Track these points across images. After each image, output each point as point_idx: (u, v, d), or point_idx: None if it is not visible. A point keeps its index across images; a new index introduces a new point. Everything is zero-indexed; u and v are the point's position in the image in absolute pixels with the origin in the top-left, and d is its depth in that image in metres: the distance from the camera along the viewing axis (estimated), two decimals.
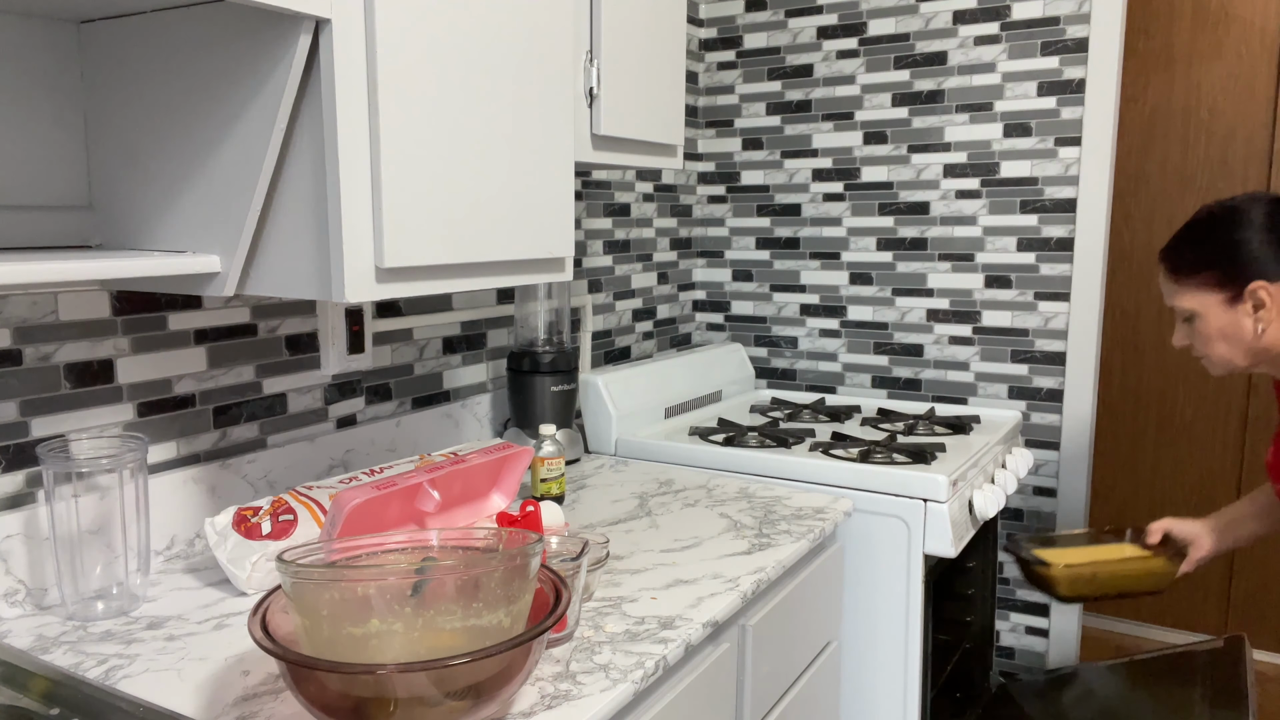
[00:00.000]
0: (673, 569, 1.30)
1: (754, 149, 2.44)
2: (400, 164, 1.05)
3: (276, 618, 0.88)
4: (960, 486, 1.68)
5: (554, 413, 1.76)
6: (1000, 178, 2.15)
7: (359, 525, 1.12)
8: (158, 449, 1.29)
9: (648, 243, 2.33)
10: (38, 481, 1.17)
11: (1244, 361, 1.45)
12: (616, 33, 1.50)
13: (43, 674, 0.95)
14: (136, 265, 0.98)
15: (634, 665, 1.02)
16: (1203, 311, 1.45)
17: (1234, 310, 1.41)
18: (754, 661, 1.31)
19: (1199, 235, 1.44)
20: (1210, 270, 1.43)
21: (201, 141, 1.05)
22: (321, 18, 0.96)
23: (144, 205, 1.12)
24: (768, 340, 2.49)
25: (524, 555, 0.87)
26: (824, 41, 2.31)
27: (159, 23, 1.07)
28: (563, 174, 1.30)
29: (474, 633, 0.85)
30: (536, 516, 1.17)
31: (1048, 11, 2.06)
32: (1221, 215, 1.43)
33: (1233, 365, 1.46)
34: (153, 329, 1.27)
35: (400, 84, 1.03)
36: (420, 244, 1.08)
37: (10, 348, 1.13)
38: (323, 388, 1.51)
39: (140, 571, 1.16)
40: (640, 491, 1.66)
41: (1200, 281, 1.44)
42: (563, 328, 1.81)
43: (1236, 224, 1.41)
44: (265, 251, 1.07)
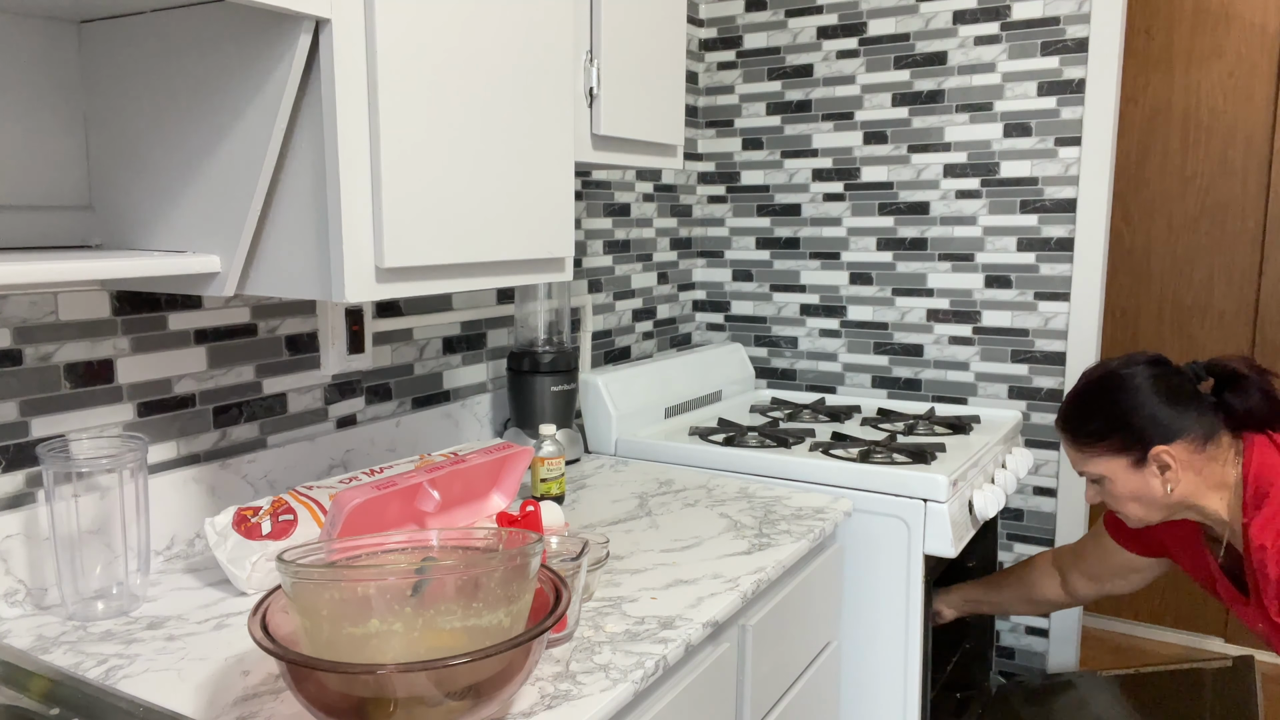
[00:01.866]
0: (673, 569, 1.30)
1: (754, 149, 2.44)
2: (400, 164, 1.04)
3: (276, 618, 0.88)
4: (960, 486, 1.68)
5: (554, 413, 1.76)
6: (1000, 178, 2.15)
7: (359, 525, 1.12)
8: (158, 449, 1.29)
9: (648, 243, 2.33)
10: (38, 481, 1.17)
11: (1159, 516, 1.45)
12: (616, 33, 1.50)
13: (43, 674, 0.95)
14: (136, 265, 0.98)
15: (634, 665, 1.02)
16: (1111, 476, 1.45)
17: (1141, 473, 1.42)
18: (754, 661, 1.31)
19: (1091, 406, 1.45)
20: (1109, 438, 1.43)
21: (201, 141, 1.05)
22: (321, 18, 0.96)
23: (144, 205, 1.12)
24: (768, 340, 2.49)
25: (524, 555, 0.87)
26: (824, 41, 2.31)
27: (159, 23, 1.07)
28: (563, 174, 1.30)
29: (474, 633, 0.85)
30: (536, 516, 1.17)
31: (1048, 11, 2.06)
32: (1108, 384, 1.44)
33: (1149, 521, 1.46)
34: (153, 329, 1.27)
35: (400, 84, 1.03)
36: (420, 244, 1.08)
37: (10, 348, 1.13)
38: (323, 388, 1.51)
39: (140, 571, 1.16)
40: (640, 491, 1.66)
41: (1103, 449, 1.44)
42: (563, 328, 1.81)
43: (1123, 391, 1.42)
44: (265, 251, 1.07)
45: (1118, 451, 1.42)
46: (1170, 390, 1.40)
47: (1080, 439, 1.46)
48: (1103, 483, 1.45)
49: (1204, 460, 1.40)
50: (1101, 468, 1.44)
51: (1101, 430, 1.43)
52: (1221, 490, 1.40)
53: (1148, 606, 3.24)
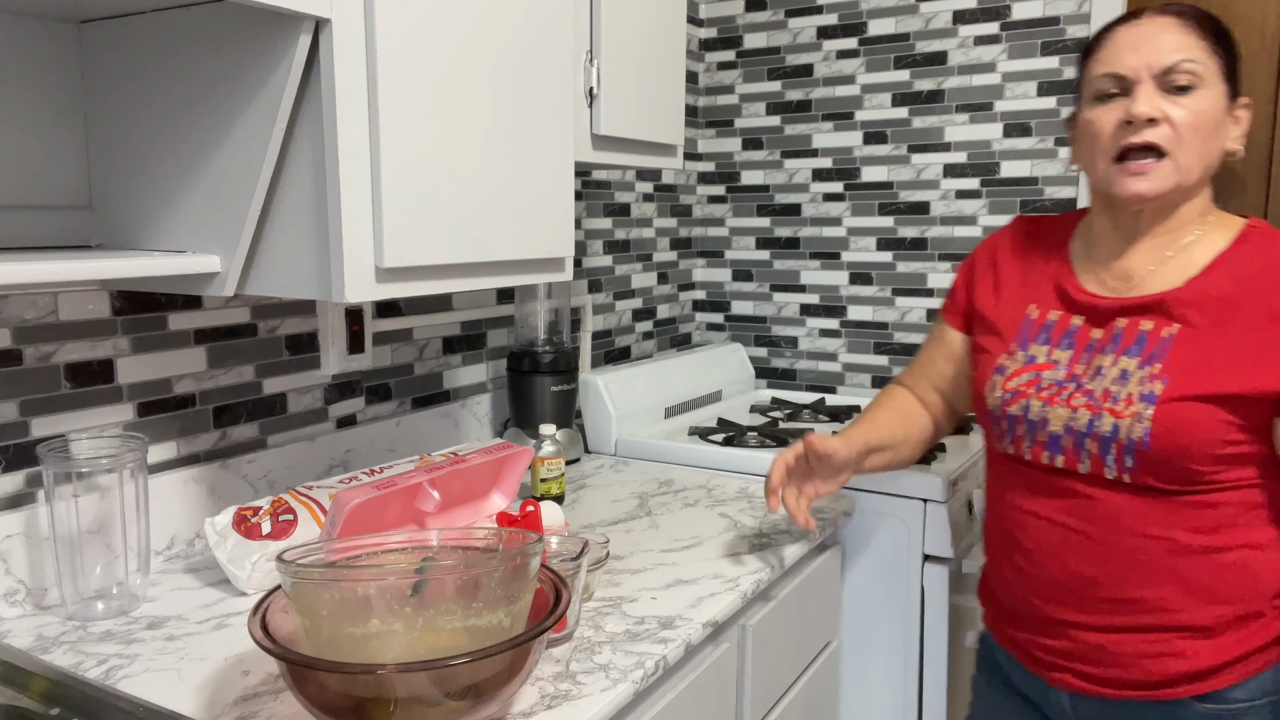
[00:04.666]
0: (673, 569, 1.30)
1: (754, 149, 2.44)
2: (400, 164, 1.04)
3: (276, 618, 0.88)
4: (960, 486, 1.68)
5: (554, 413, 1.76)
6: (1000, 178, 2.15)
7: (359, 525, 1.12)
8: (158, 449, 1.29)
9: (648, 243, 2.33)
10: (38, 481, 1.17)
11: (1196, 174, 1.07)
12: (616, 33, 1.50)
13: (43, 674, 0.95)
14: (136, 265, 0.98)
15: (634, 665, 1.02)
16: (1210, 89, 1.06)
17: (1226, 112, 1.08)
18: (754, 661, 1.31)
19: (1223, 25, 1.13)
20: (1228, 54, 1.09)
21: (201, 141, 1.05)
22: (321, 18, 0.96)
23: (144, 205, 1.12)
24: (768, 340, 2.49)
25: (524, 555, 0.87)
26: (824, 41, 2.31)
27: (159, 23, 1.07)
28: (563, 174, 1.30)
29: (474, 633, 0.85)
30: (536, 516, 1.17)
31: (1048, 11, 2.06)
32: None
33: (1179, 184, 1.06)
34: (153, 329, 1.27)
35: (400, 84, 1.03)
36: (420, 244, 1.08)
37: (10, 348, 1.13)
38: (323, 388, 1.51)
39: (140, 571, 1.16)
40: (640, 491, 1.66)
41: (1218, 57, 1.07)
42: (563, 328, 1.81)
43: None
44: (265, 251, 1.07)
45: (1226, 73, 1.07)
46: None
47: (1205, 30, 1.07)
48: (1192, 91, 1.04)
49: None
50: (1210, 71, 1.05)
51: (1227, 42, 1.09)
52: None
53: None
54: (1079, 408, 1.09)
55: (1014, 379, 1.16)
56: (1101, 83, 1.09)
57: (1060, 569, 1.11)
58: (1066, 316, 1.16)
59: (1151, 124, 1.04)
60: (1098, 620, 1.09)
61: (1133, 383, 1.06)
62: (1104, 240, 1.16)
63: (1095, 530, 1.09)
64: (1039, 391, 1.13)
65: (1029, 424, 1.13)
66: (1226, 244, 1.09)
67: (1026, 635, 1.17)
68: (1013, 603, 1.18)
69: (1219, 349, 1.04)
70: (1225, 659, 1.06)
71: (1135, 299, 1.10)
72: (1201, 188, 1.11)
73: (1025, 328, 1.19)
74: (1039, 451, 1.13)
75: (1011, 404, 1.15)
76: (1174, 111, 1.04)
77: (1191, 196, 1.10)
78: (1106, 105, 1.08)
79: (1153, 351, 1.07)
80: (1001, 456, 1.20)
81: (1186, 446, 1.02)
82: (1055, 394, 1.12)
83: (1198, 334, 1.05)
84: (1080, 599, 1.10)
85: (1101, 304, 1.13)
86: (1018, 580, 1.16)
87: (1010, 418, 1.15)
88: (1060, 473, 1.12)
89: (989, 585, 1.25)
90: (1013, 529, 1.17)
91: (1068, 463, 1.10)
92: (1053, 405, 1.11)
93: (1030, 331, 1.18)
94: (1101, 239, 1.16)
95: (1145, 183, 1.05)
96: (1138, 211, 1.11)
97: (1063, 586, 1.11)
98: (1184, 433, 1.02)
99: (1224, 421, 1.02)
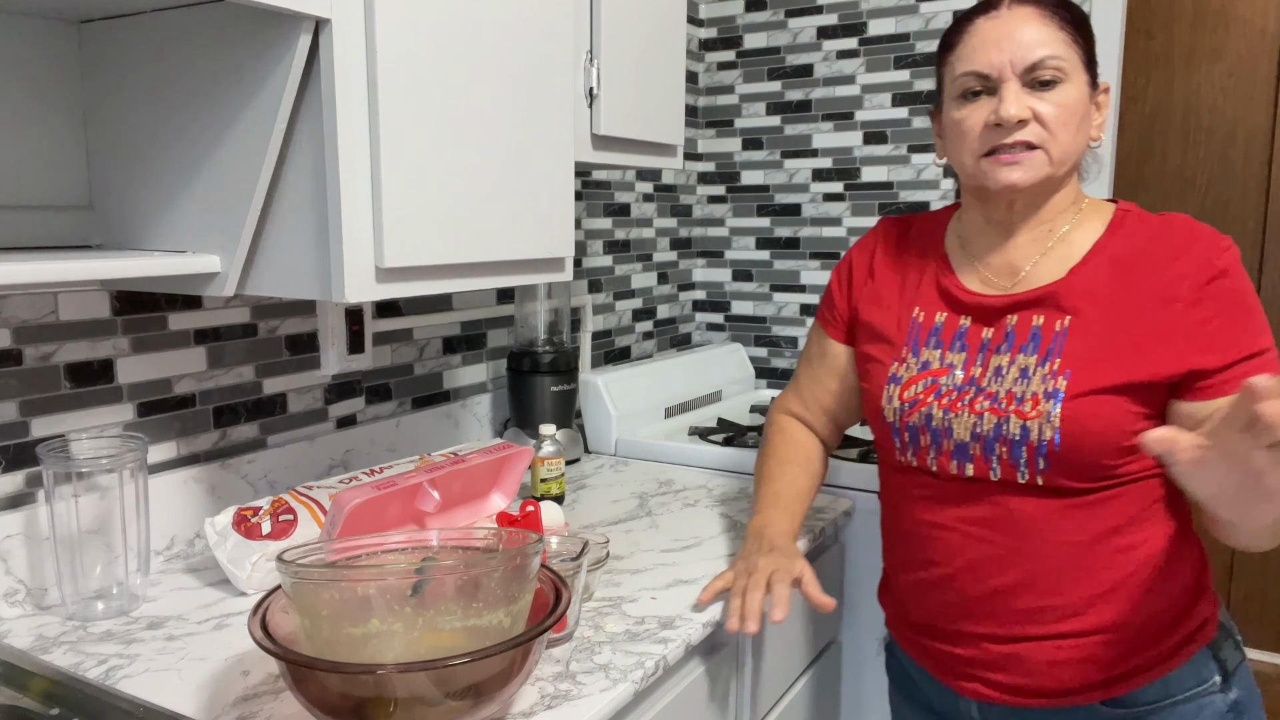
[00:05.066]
0: (673, 569, 1.30)
1: (754, 149, 2.44)
2: (400, 164, 1.04)
3: (276, 618, 0.88)
4: None
5: (554, 413, 1.76)
6: None
7: (359, 525, 1.12)
8: (158, 449, 1.29)
9: (648, 243, 2.33)
10: (38, 481, 1.17)
11: (1067, 164, 1.05)
12: (616, 33, 1.50)
13: (43, 674, 0.95)
14: (136, 265, 0.98)
15: (634, 665, 1.02)
16: (1075, 81, 1.03)
17: (1089, 100, 1.06)
18: (754, 661, 1.31)
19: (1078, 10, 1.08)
20: (1087, 42, 1.06)
21: (201, 141, 1.05)
22: (321, 18, 0.96)
23: (144, 205, 1.12)
24: (768, 340, 2.49)
25: (524, 555, 0.87)
26: (824, 41, 2.31)
27: (159, 23, 1.07)
28: (563, 174, 1.30)
29: (474, 633, 0.85)
30: (536, 516, 1.17)
31: None
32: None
33: (1049, 175, 1.04)
34: (153, 329, 1.27)
35: (400, 84, 1.03)
36: (420, 244, 1.08)
37: (10, 348, 1.13)
38: (323, 388, 1.51)
39: (140, 571, 1.16)
40: (640, 491, 1.66)
41: (1079, 46, 1.05)
42: (563, 328, 1.81)
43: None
44: (265, 251, 1.07)
45: (1086, 62, 1.05)
46: None
47: (1064, 19, 1.04)
48: (1057, 86, 1.02)
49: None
50: (1073, 63, 1.03)
51: (1085, 29, 1.06)
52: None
53: None
54: (983, 412, 1.06)
55: (910, 387, 1.12)
56: (965, 81, 1.05)
57: (975, 582, 1.08)
58: (954, 317, 1.12)
59: (1021, 124, 1.02)
60: (1013, 630, 1.06)
61: (1035, 381, 1.03)
62: (980, 236, 1.13)
63: (1010, 540, 1.06)
64: (939, 399, 1.09)
65: (932, 433, 1.09)
66: (1102, 229, 1.08)
67: (938, 645, 1.13)
68: (924, 615, 1.14)
69: (1113, 337, 1.02)
70: (1139, 662, 1.04)
71: (1023, 294, 1.07)
72: (1071, 178, 1.10)
73: (914, 331, 1.15)
74: (945, 461, 1.09)
75: (911, 414, 1.11)
76: (1042, 108, 1.02)
77: (1062, 186, 1.09)
78: (973, 104, 1.05)
79: (1049, 347, 1.04)
80: (902, 469, 1.15)
81: (1096, 441, 1.00)
82: (957, 400, 1.08)
83: (1089, 324, 1.03)
84: (995, 611, 1.07)
85: (989, 302, 1.09)
86: (929, 593, 1.13)
87: (911, 429, 1.11)
88: (970, 482, 1.08)
89: (895, 593, 1.21)
90: (921, 543, 1.13)
91: (978, 471, 1.07)
92: (955, 412, 1.07)
93: (919, 335, 1.14)
94: (977, 235, 1.14)
95: (1019, 172, 1.03)
96: (1010, 203, 1.08)
97: (977, 599, 1.08)
98: (1093, 427, 1.00)
99: (1128, 411, 1.01)
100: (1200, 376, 1.00)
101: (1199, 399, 1.00)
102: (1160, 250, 1.03)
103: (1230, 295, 1.00)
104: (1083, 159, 1.10)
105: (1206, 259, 1.01)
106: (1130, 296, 1.03)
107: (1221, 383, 0.99)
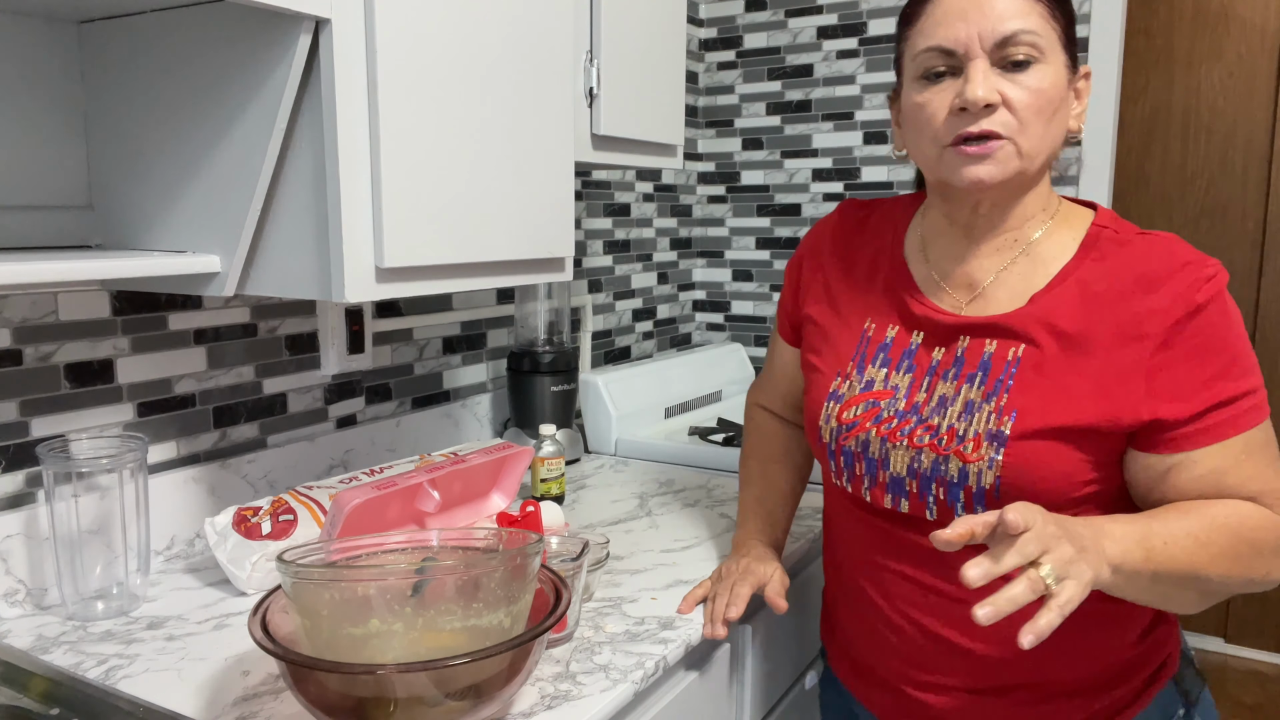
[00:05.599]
0: (673, 569, 1.30)
1: (754, 149, 2.44)
2: (400, 164, 1.04)
3: (276, 618, 0.88)
4: None
5: (554, 413, 1.76)
6: None
7: (359, 525, 1.12)
8: (158, 449, 1.29)
9: (648, 243, 2.33)
10: (38, 481, 1.17)
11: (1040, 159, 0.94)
12: (616, 33, 1.50)
13: (43, 674, 0.95)
14: (136, 265, 0.98)
15: (634, 665, 1.02)
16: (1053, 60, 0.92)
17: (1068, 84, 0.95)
18: (754, 661, 1.31)
19: None
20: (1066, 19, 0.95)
21: (201, 141, 1.05)
22: (321, 18, 0.96)
23: (144, 205, 1.12)
24: (768, 340, 2.49)
25: (524, 555, 0.87)
26: (824, 41, 2.31)
27: (159, 23, 1.07)
28: (563, 174, 1.30)
29: (474, 633, 0.85)
30: (536, 516, 1.17)
31: None
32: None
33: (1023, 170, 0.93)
34: (153, 329, 1.27)
35: (400, 84, 1.03)
36: (420, 244, 1.08)
37: (10, 348, 1.13)
38: (323, 388, 1.51)
39: (140, 571, 1.16)
40: (640, 491, 1.66)
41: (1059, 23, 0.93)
42: (563, 328, 1.81)
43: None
44: (265, 251, 1.07)
45: (1066, 41, 0.94)
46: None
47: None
48: (1031, 67, 0.91)
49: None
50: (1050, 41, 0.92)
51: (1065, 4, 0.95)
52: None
53: None
54: (922, 447, 0.96)
55: (850, 408, 1.02)
56: (927, 58, 0.92)
57: (917, 630, 0.99)
58: (905, 334, 1.02)
59: (989, 109, 0.90)
60: (967, 683, 0.98)
61: (979, 419, 0.93)
62: (941, 239, 1.02)
63: (952, 589, 0.96)
64: (878, 425, 1.00)
65: (868, 462, 1.00)
66: (1074, 246, 0.97)
67: (887, 698, 1.05)
68: (870, 660, 1.06)
69: (1069, 375, 0.91)
70: (1099, 707, 0.98)
71: (979, 320, 0.97)
72: (1044, 176, 0.98)
73: (862, 345, 1.05)
74: (880, 495, 1.00)
75: (848, 438, 1.01)
76: (1013, 93, 0.90)
77: (1035, 185, 0.97)
78: (936, 86, 0.93)
79: (998, 379, 0.94)
80: (841, 492, 1.08)
81: (1040, 489, 0.90)
82: (896, 429, 0.98)
83: (1045, 358, 0.93)
84: (943, 662, 0.99)
85: (943, 320, 0.99)
86: (873, 637, 1.05)
87: (847, 454, 1.02)
88: (906, 519, 0.99)
89: (839, 632, 1.12)
90: (860, 578, 1.05)
91: (913, 509, 0.98)
92: (894, 443, 0.98)
93: (868, 351, 1.04)
94: (939, 236, 1.03)
95: (986, 167, 0.91)
96: (976, 205, 0.97)
97: (921, 649, 1.00)
98: (1036, 475, 0.90)
99: (1077, 459, 0.91)
100: (1164, 428, 0.89)
101: (1162, 451, 0.90)
102: (1134, 279, 0.91)
103: (1205, 334, 0.89)
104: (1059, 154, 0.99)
105: (1185, 292, 0.89)
106: (1095, 330, 0.91)
107: (1189, 434, 0.89)
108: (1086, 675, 0.97)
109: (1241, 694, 2.87)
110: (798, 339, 1.17)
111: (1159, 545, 0.84)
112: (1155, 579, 0.84)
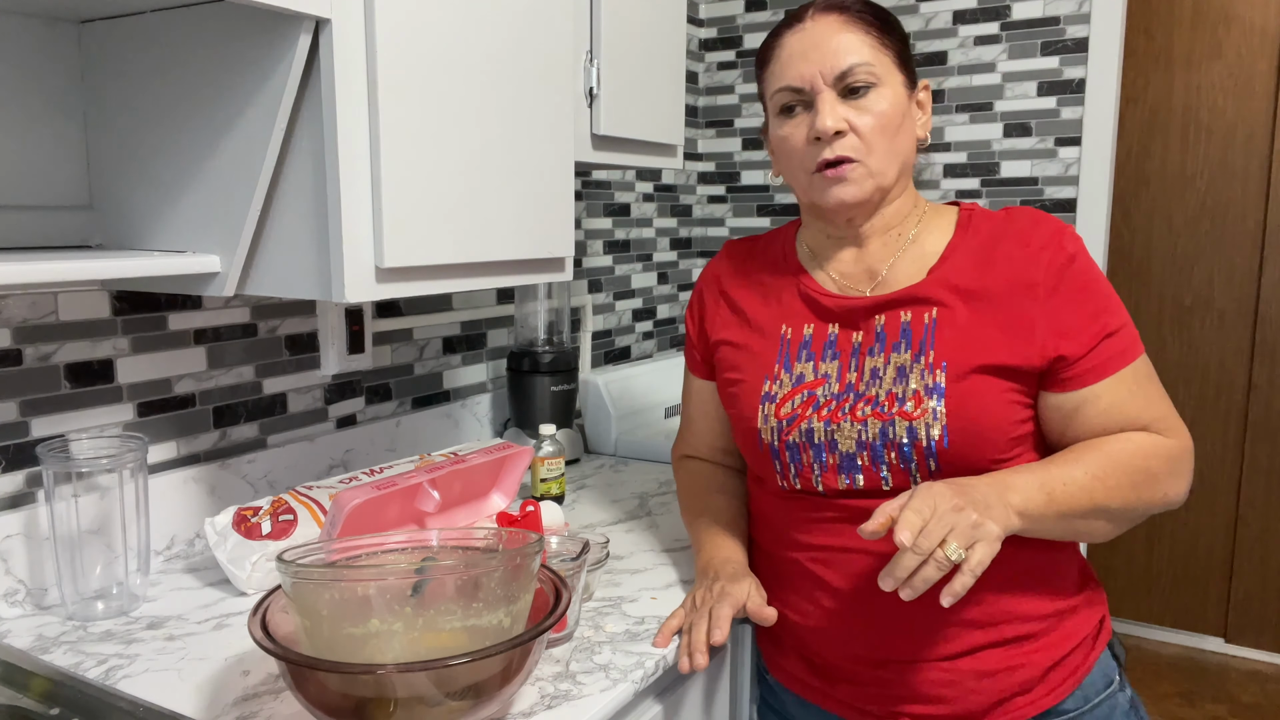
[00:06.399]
0: (673, 569, 1.30)
1: (754, 149, 2.44)
2: (400, 164, 1.05)
3: (276, 618, 0.88)
4: None
5: (554, 413, 1.76)
6: (1000, 178, 2.15)
7: (359, 525, 1.12)
8: (158, 449, 1.29)
9: (648, 243, 2.33)
10: (38, 481, 1.17)
11: (892, 175, 1.04)
12: (616, 33, 1.50)
13: (43, 674, 0.95)
14: (136, 265, 0.98)
15: (634, 665, 1.02)
16: (890, 84, 1.03)
17: (908, 100, 1.06)
18: (754, 661, 1.31)
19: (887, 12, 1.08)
20: (899, 44, 1.06)
21: (201, 141, 1.05)
22: (321, 18, 0.96)
23: (144, 205, 1.12)
24: None
25: (524, 555, 0.87)
26: None
27: (159, 23, 1.07)
28: (563, 174, 1.30)
29: (474, 633, 0.85)
30: (536, 516, 1.17)
31: (1048, 11, 2.06)
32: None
33: (878, 185, 1.04)
34: (153, 329, 1.27)
35: (400, 84, 1.03)
36: (420, 244, 1.08)
37: (10, 348, 1.13)
38: (323, 388, 1.51)
39: (140, 571, 1.16)
40: (640, 491, 1.66)
41: (891, 48, 1.04)
42: (563, 328, 1.81)
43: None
44: (265, 251, 1.07)
45: (900, 63, 1.05)
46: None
47: (870, 23, 1.04)
48: (870, 92, 1.01)
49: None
50: (884, 66, 1.03)
51: (894, 31, 1.06)
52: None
53: (1148, 607, 3.24)
54: (866, 419, 1.01)
55: (786, 403, 1.06)
56: (781, 96, 1.05)
57: (883, 603, 1.01)
58: (822, 327, 1.09)
59: (839, 135, 1.01)
60: (934, 650, 1.01)
61: (914, 378, 1.01)
62: (830, 247, 1.12)
63: None
64: (818, 411, 1.04)
65: (815, 449, 1.04)
66: (951, 229, 1.08)
67: (852, 687, 1.06)
68: (830, 654, 1.07)
69: (981, 324, 1.01)
70: (1055, 657, 1.01)
71: (889, 295, 1.05)
72: (904, 182, 1.09)
73: (784, 348, 1.10)
74: (832, 478, 1.03)
75: (790, 431, 1.05)
76: (857, 120, 1.01)
77: (898, 194, 1.08)
78: (793, 120, 1.05)
79: (921, 340, 1.02)
80: (782, 495, 1.09)
81: (983, 428, 0.98)
82: (837, 409, 1.03)
83: (957, 316, 1.02)
84: (910, 632, 1.01)
85: (857, 304, 1.07)
86: (831, 627, 1.05)
87: (792, 447, 1.05)
88: (860, 495, 1.03)
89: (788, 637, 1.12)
90: (816, 570, 1.06)
91: (868, 482, 1.02)
92: (837, 422, 1.02)
93: (790, 351, 1.09)
94: (826, 248, 1.12)
95: (847, 189, 1.03)
96: (850, 219, 1.07)
97: (887, 623, 1.02)
98: (977, 414, 0.98)
99: (1009, 393, 0.99)
100: (1066, 364, 0.99)
101: (1066, 390, 1.00)
102: (1012, 239, 1.03)
103: (1083, 277, 1.01)
104: (914, 161, 1.09)
105: (1057, 245, 1.02)
106: (991, 285, 1.02)
107: (1088, 369, 0.99)
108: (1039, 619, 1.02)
109: (1241, 694, 2.87)
110: (711, 371, 1.23)
111: (1059, 487, 0.95)
112: (1062, 517, 0.96)
